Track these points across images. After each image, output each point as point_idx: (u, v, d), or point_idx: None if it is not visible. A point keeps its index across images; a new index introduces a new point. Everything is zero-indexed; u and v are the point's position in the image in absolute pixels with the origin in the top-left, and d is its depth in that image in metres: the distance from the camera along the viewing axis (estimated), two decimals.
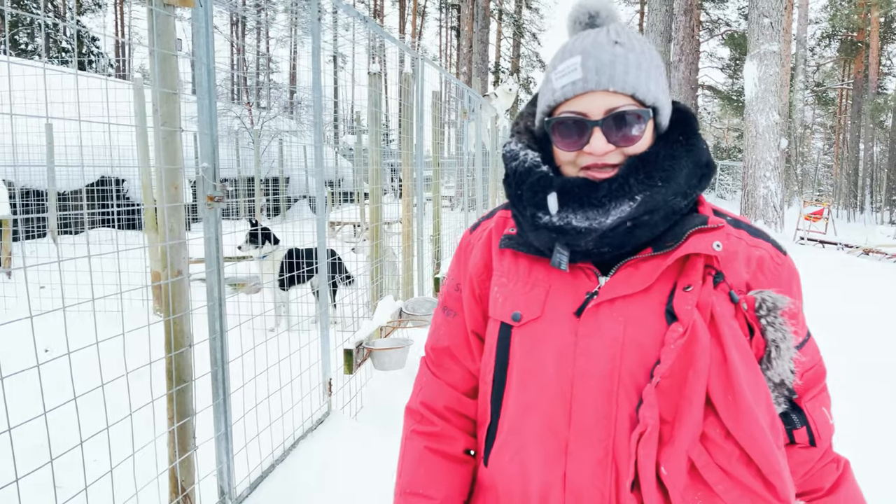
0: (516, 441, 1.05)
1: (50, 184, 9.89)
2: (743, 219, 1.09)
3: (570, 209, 0.98)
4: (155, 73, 2.18)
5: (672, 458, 0.92)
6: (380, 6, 42.40)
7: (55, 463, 2.00)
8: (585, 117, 0.97)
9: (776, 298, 0.97)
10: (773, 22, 11.21)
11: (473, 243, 1.20)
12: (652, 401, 0.93)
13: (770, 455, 0.89)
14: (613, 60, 0.96)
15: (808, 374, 1.05)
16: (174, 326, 2.31)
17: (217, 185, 2.45)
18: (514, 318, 1.06)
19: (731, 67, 34.12)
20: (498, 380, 1.09)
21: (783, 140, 12.09)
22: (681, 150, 1.01)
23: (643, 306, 0.98)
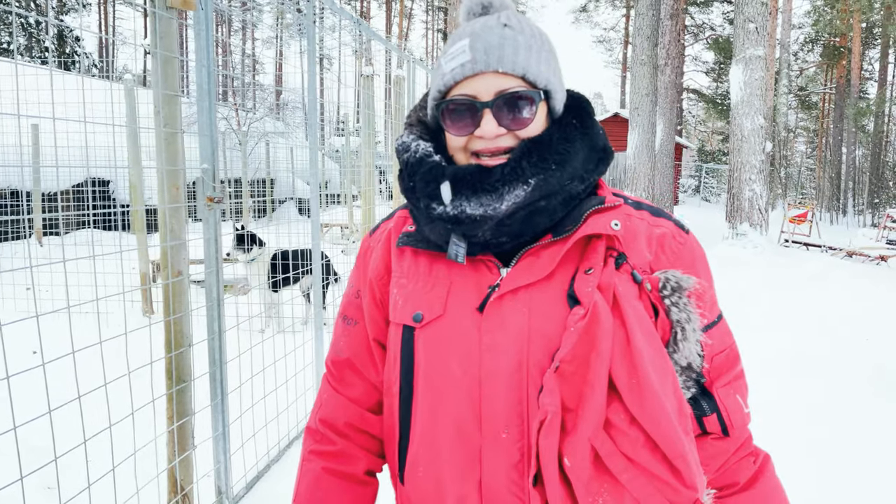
0: (428, 452, 0.98)
1: (35, 184, 9.81)
2: (644, 201, 1.06)
3: (463, 197, 0.93)
4: (157, 75, 2.20)
5: (575, 448, 0.85)
6: (366, 8, 42.38)
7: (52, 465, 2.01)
8: (475, 99, 0.94)
9: (680, 278, 0.94)
10: (759, 27, 11.34)
11: (373, 246, 1.13)
12: (552, 387, 0.87)
13: (675, 440, 0.84)
14: (502, 42, 0.93)
15: (718, 358, 1.01)
16: (174, 327, 2.32)
17: (216, 187, 2.47)
18: (415, 318, 1.00)
19: (716, 71, 34.46)
20: (405, 388, 1.01)
21: (768, 143, 12.23)
22: (575, 134, 0.98)
23: (546, 294, 0.94)
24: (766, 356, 5.16)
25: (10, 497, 2.21)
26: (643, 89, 14.02)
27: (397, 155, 1.05)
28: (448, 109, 0.96)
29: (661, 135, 16.72)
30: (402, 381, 1.01)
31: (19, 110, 2.39)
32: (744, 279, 8.40)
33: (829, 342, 5.65)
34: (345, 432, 1.12)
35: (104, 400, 2.16)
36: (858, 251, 11.74)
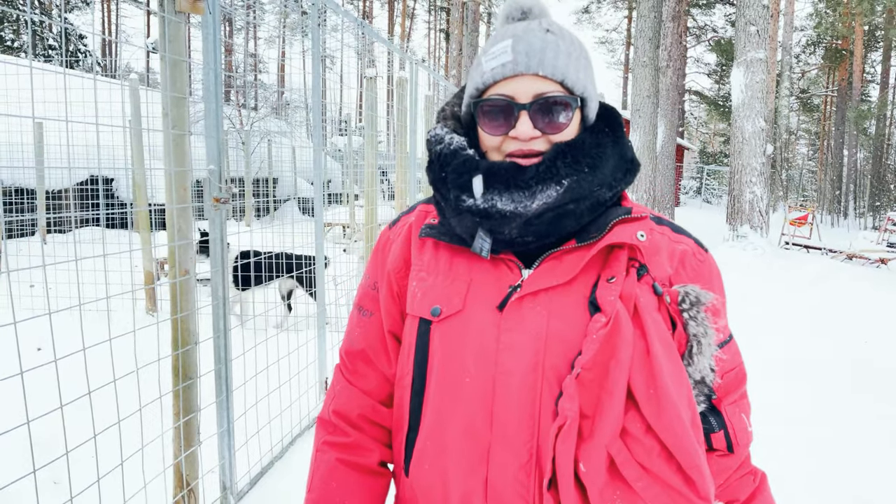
0: (436, 447, 0.98)
1: (39, 182, 9.86)
2: (665, 217, 1.07)
3: (495, 191, 0.94)
4: (166, 78, 2.24)
5: (591, 454, 0.87)
6: (369, 8, 42.41)
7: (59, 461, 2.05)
8: (513, 100, 0.95)
9: (700, 293, 0.96)
10: (760, 30, 11.38)
11: (393, 239, 1.14)
12: (572, 393, 0.88)
13: (691, 450, 0.86)
14: (544, 46, 0.95)
15: (729, 376, 1.03)
16: (181, 324, 2.36)
17: (223, 187, 2.51)
18: (433, 313, 1.00)
19: (718, 73, 34.50)
20: (417, 381, 1.02)
21: (769, 146, 12.27)
22: (607, 141, 1.00)
23: (567, 298, 0.95)
24: (765, 358, 5.20)
25: (19, 492, 2.26)
26: (645, 91, 14.05)
27: (429, 146, 1.06)
28: (485, 108, 0.98)
29: (662, 136, 16.76)
30: (416, 374, 1.02)
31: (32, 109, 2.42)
32: (744, 281, 8.43)
33: (827, 344, 5.68)
34: (358, 424, 1.12)
35: (112, 396, 2.20)
36: (859, 254, 11.77)
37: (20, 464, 2.60)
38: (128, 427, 2.41)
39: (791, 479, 3.17)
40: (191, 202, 2.37)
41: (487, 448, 0.93)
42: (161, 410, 2.31)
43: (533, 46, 0.94)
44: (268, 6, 35.42)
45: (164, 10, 2.22)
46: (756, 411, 3.33)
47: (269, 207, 17.23)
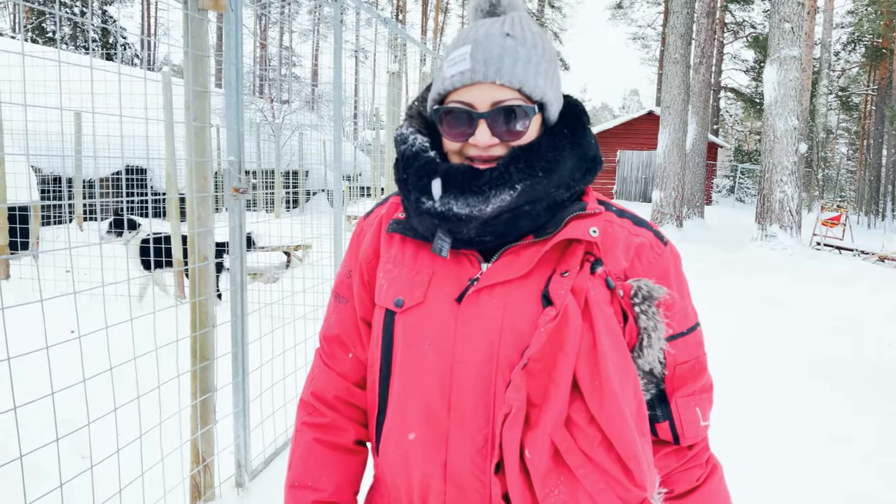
0: (399, 430, 1.03)
1: (77, 171, 10.17)
2: (629, 210, 1.09)
3: (451, 195, 0.97)
4: (188, 73, 2.35)
5: (536, 442, 0.91)
6: (402, 2, 42.55)
7: (84, 436, 2.18)
8: (472, 108, 0.97)
9: (652, 288, 0.98)
10: (794, 27, 11.21)
11: (366, 229, 1.18)
12: (519, 383, 0.92)
13: (629, 441, 0.89)
14: (502, 53, 0.95)
15: (682, 368, 1.04)
16: (199, 308, 2.48)
17: (242, 178, 2.62)
18: (396, 304, 1.04)
19: (756, 70, 33.90)
20: (384, 368, 1.07)
21: (802, 145, 12.09)
22: (565, 143, 1.00)
23: (522, 292, 0.98)
24: (785, 359, 5.18)
25: (51, 465, 2.40)
26: (675, 88, 13.93)
27: (395, 145, 1.08)
28: (446, 115, 0.99)
29: (693, 134, 16.58)
30: (382, 361, 1.07)
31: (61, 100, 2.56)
32: (768, 281, 8.36)
33: (850, 345, 5.63)
34: (334, 405, 1.16)
35: (133, 374, 2.33)
36: (891, 255, 11.55)
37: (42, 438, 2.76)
38: (149, 406, 2.54)
39: (821, 478, 3.19)
40: (211, 191, 2.49)
41: (446, 433, 0.98)
42: (179, 390, 2.43)
43: (491, 54, 0.95)
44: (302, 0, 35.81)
45: (187, 7, 2.33)
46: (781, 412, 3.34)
47: (297, 199, 17.47)
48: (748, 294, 7.54)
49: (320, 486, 1.11)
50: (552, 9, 38.70)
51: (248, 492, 2.78)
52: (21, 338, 1.87)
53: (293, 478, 1.13)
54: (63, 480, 1.85)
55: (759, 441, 3.62)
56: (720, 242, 13.31)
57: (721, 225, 17.85)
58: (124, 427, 2.38)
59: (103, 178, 11.82)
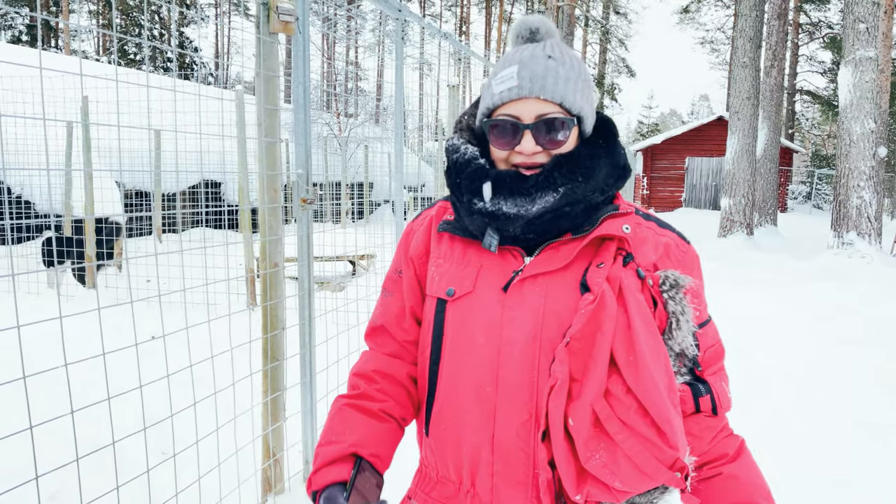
0: (450, 408, 1.13)
1: (156, 186, 10.74)
2: (653, 214, 1.21)
3: (501, 197, 1.10)
4: (260, 92, 2.52)
5: (578, 411, 1.01)
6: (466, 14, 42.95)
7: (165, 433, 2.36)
8: (518, 120, 1.09)
9: (678, 277, 1.10)
10: (870, 27, 10.79)
11: (415, 230, 1.30)
12: (563, 358, 1.02)
13: (662, 407, 0.99)
14: (545, 72, 1.08)
15: (710, 351, 1.16)
16: (270, 311, 2.64)
17: (309, 189, 2.78)
18: (448, 293, 1.15)
19: (833, 71, 32.61)
20: (434, 352, 1.17)
21: (881, 149, 11.58)
22: (600, 152, 1.14)
23: (562, 281, 1.10)
24: (856, 370, 5.02)
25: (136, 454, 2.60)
26: (744, 93, 13.59)
27: (447, 154, 1.21)
28: (494, 126, 1.12)
29: (763, 139, 16.10)
30: (433, 347, 1.17)
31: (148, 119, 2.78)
32: (844, 290, 8.05)
33: None
34: (370, 377, 1.24)
35: (208, 374, 2.51)
36: None
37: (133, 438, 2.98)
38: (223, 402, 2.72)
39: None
40: (281, 202, 2.65)
41: (494, 408, 1.09)
42: (251, 389, 2.60)
43: (535, 73, 1.08)
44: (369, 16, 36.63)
45: (259, 31, 2.51)
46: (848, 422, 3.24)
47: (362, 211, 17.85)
48: (817, 304, 7.29)
49: (343, 438, 1.15)
50: (617, 15, 38.29)
51: None
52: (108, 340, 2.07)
53: (320, 441, 1.19)
54: (149, 468, 2.03)
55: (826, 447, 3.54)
56: (793, 251, 12.86)
57: (795, 233, 17.22)
58: (202, 423, 2.56)
59: (182, 192, 12.42)
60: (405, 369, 1.26)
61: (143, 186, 11.32)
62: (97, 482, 2.06)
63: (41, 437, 1.84)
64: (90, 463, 2.00)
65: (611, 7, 37.63)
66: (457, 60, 13.73)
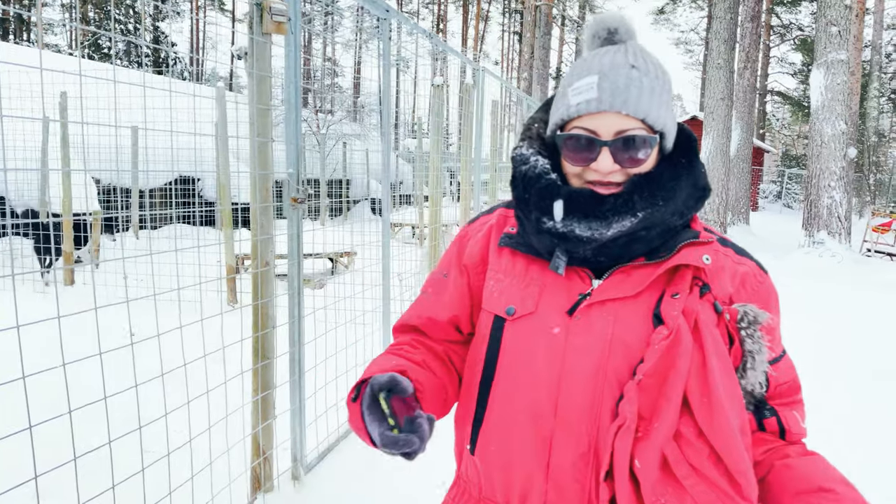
0: (502, 430, 1.07)
1: (133, 182, 10.61)
2: (729, 239, 1.13)
3: (574, 218, 1.02)
4: (252, 92, 2.53)
5: (646, 452, 0.95)
6: (443, 11, 42.95)
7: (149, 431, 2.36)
8: (596, 136, 1.00)
9: (757, 313, 1.02)
10: (841, 30, 11.04)
11: (471, 235, 1.23)
12: (632, 396, 0.96)
13: (738, 455, 0.93)
14: (629, 84, 0.99)
15: (781, 388, 1.10)
16: (261, 310, 2.66)
17: (300, 188, 2.79)
18: (507, 311, 1.09)
19: (803, 73, 33.21)
20: (487, 370, 1.11)
21: (851, 149, 11.90)
22: (683, 172, 1.05)
23: (632, 310, 1.02)
24: (824, 365, 5.15)
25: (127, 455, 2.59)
26: (718, 94, 13.80)
27: (514, 164, 1.13)
28: (569, 140, 1.03)
29: (737, 140, 16.38)
30: (486, 363, 1.11)
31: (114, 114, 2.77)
32: (814, 289, 8.25)
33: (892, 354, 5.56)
34: (407, 330, 1.24)
35: (195, 373, 2.52)
36: None
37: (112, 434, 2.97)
38: (215, 402, 2.73)
39: None
40: (272, 202, 2.66)
41: (551, 435, 1.03)
42: (242, 387, 2.61)
43: (617, 85, 0.99)
44: (346, 12, 36.48)
45: (252, 32, 2.52)
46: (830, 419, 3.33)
47: (341, 208, 17.80)
48: (791, 302, 7.46)
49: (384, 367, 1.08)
50: (593, 15, 38.55)
51: (303, 485, 2.94)
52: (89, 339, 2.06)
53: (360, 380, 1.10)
54: (143, 467, 2.03)
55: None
56: (766, 249, 13.11)
57: (767, 231, 17.55)
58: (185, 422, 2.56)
59: (158, 189, 12.28)
60: (441, 347, 1.23)
61: (121, 183, 11.17)
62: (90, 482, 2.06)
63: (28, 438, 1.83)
64: (81, 464, 2.00)
65: (587, 7, 37.87)
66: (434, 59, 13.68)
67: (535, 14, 25.86)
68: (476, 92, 5.85)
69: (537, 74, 25.10)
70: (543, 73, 25.80)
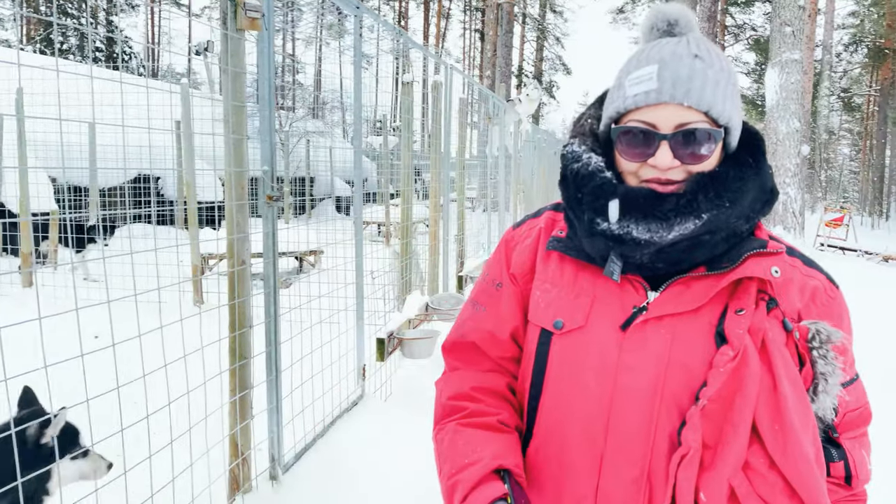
0: (550, 450, 1.02)
1: (91, 181, 10.34)
2: (797, 248, 1.05)
3: (631, 219, 0.94)
4: (227, 89, 2.51)
5: (712, 485, 0.88)
6: (405, 8, 42.83)
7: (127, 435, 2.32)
8: (655, 129, 0.93)
9: (830, 331, 0.94)
10: (795, 31, 11.37)
11: (518, 240, 1.15)
12: (696, 423, 0.90)
13: (815, 489, 0.86)
14: (692, 74, 0.92)
15: (851, 415, 1.01)
16: (238, 309, 2.63)
17: (274, 186, 2.77)
18: (555, 325, 1.02)
19: (757, 72, 34.06)
20: (535, 386, 1.05)
21: (804, 147, 12.26)
22: (749, 173, 0.98)
23: (692, 326, 0.95)
24: None
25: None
26: None
27: (564, 161, 1.05)
28: (625, 133, 0.97)
29: None
30: (533, 380, 1.05)
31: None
32: None
33: None
34: (473, 396, 1.12)
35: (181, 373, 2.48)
36: (894, 256, 11.68)
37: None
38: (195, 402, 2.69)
39: None
40: (248, 199, 2.64)
41: (601, 457, 0.97)
42: (221, 387, 2.58)
43: (680, 75, 0.92)
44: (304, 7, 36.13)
45: (226, 28, 2.49)
46: None
47: (304, 206, 17.65)
48: None
49: (480, 456, 1.02)
50: (554, 13, 38.90)
51: (281, 485, 2.92)
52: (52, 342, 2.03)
53: (448, 470, 1.05)
54: (126, 470, 2.00)
55: None
56: None
57: None
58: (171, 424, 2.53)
59: (118, 187, 12.00)
60: (505, 380, 1.15)
61: (79, 181, 10.88)
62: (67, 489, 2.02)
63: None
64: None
65: (547, 5, 38.20)
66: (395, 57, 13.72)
67: (497, 11, 26.00)
68: (444, 89, 5.87)
69: (499, 73, 25.24)
70: (505, 71, 25.97)
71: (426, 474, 2.97)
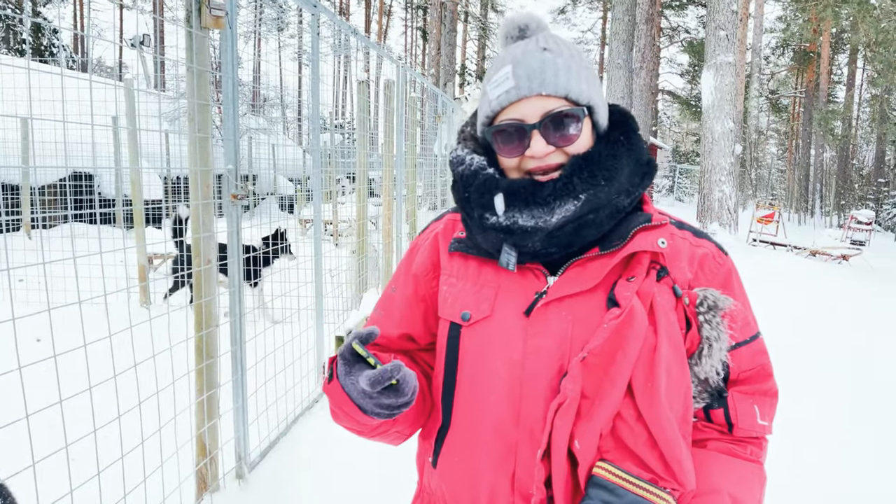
0: (466, 443, 1.03)
1: (24, 178, 9.93)
2: (686, 221, 1.11)
3: (516, 209, 0.98)
4: (192, 87, 2.49)
5: (586, 433, 0.92)
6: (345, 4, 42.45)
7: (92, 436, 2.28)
8: (523, 122, 0.98)
9: (718, 298, 0.99)
10: (729, 34, 11.84)
11: (420, 245, 1.20)
12: (576, 374, 0.93)
13: (673, 443, 0.92)
14: (543, 66, 0.97)
15: (745, 374, 1.06)
16: (205, 308, 2.62)
17: (239, 185, 2.77)
18: (463, 317, 1.05)
19: (690, 73, 35.21)
20: (448, 378, 1.07)
21: (738, 146, 12.76)
22: (622, 150, 1.02)
23: (590, 304, 0.98)
24: None
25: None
26: (619, 92, 14.46)
27: (451, 167, 1.10)
28: (498, 133, 1.01)
29: None
30: (447, 373, 1.07)
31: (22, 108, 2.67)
32: None
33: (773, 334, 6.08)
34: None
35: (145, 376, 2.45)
36: (821, 250, 12.30)
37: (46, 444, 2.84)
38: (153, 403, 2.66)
39: None
40: (213, 198, 2.63)
41: (515, 446, 0.99)
42: (189, 387, 2.56)
43: (532, 68, 0.98)
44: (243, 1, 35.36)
45: (191, 25, 2.47)
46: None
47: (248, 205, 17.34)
48: None
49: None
50: (495, 13, 39.25)
51: (247, 483, 2.92)
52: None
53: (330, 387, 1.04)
54: (99, 471, 1.98)
55: None
56: None
57: None
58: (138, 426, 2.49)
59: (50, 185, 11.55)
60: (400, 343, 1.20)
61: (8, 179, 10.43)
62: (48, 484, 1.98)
63: None
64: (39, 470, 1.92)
65: (489, 5, 38.51)
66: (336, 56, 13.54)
67: (440, 11, 26.07)
68: (397, 88, 5.90)
69: (444, 71, 25.33)
70: (450, 69, 26.06)
71: (386, 463, 3.01)
